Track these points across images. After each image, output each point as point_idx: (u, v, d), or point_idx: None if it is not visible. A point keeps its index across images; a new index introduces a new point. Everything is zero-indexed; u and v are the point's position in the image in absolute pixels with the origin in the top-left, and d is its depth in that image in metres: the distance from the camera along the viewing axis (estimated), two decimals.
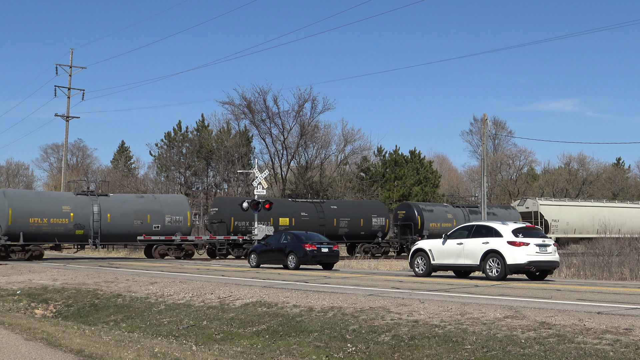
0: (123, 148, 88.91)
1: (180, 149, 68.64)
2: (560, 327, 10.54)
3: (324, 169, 66.20)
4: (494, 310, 12.13)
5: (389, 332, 11.58)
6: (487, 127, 45.07)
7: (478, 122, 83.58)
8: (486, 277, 19.64)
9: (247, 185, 61.30)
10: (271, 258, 27.12)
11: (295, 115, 63.20)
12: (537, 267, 19.63)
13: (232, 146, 64.41)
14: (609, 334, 9.84)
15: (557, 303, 12.95)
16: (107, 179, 65.50)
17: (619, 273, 23.46)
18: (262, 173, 37.87)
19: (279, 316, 13.94)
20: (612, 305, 12.63)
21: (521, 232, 19.42)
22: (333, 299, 14.71)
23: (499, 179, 77.65)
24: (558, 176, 77.21)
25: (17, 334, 11.97)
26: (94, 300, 18.99)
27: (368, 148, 71.89)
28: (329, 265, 26.70)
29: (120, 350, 10.29)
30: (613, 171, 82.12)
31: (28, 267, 27.60)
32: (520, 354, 9.52)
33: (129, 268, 27.33)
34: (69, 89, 54.58)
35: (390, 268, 29.43)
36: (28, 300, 19.92)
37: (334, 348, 11.36)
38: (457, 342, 10.42)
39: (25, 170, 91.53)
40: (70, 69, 54.60)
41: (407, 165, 71.54)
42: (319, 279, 20.38)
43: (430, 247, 21.28)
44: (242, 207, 35.95)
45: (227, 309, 15.32)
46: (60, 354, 9.93)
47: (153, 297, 18.00)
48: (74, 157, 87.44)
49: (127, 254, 45.81)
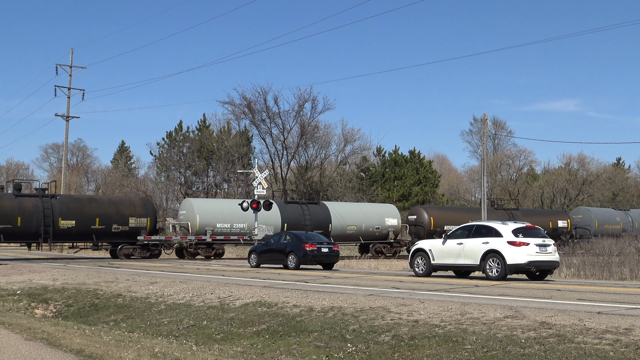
0: (123, 148, 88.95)
1: (181, 148, 68.67)
2: (560, 327, 10.54)
3: (324, 169, 66.21)
4: (494, 310, 12.13)
5: (389, 332, 11.59)
6: (487, 127, 45.07)
7: (478, 122, 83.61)
8: (486, 277, 19.64)
9: (247, 185, 61.29)
10: (271, 258, 27.12)
11: (295, 115, 63.31)
12: (537, 267, 19.63)
13: (232, 146, 64.42)
14: (609, 334, 9.84)
15: (557, 303, 12.95)
16: (107, 179, 65.50)
17: (619, 273, 23.47)
18: (262, 173, 37.87)
19: (279, 316, 13.94)
20: (612, 305, 12.63)
21: (521, 232, 19.41)
22: (333, 299, 14.71)
23: (499, 179, 77.66)
24: (558, 176, 77.21)
25: (17, 334, 11.97)
26: (94, 300, 18.99)
27: (368, 148, 72.03)
28: (329, 265, 26.70)
29: (121, 350, 10.29)
30: (613, 171, 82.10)
31: (28, 267, 27.60)
32: (520, 354, 9.52)
33: (129, 268, 27.33)
34: (69, 89, 54.60)
35: (390, 268, 29.43)
36: (28, 300, 19.92)
37: (334, 348, 11.36)
38: (457, 342, 10.42)
39: (25, 170, 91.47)
40: (70, 69, 54.64)
41: (407, 165, 71.57)
42: (319, 279, 20.38)
43: (431, 247, 21.27)
44: (242, 207, 35.93)
45: (227, 309, 15.32)
46: (60, 354, 9.93)
47: (153, 297, 18.00)
48: (74, 157, 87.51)
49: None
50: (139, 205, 37.93)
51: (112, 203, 37.29)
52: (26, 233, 34.11)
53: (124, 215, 36.65)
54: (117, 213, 36.52)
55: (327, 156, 67.68)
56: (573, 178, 76.94)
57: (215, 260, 37.84)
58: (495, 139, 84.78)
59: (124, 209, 36.89)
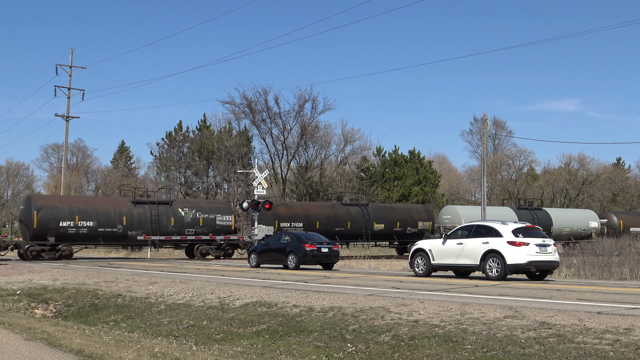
0: (123, 148, 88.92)
1: (181, 148, 68.68)
2: (560, 327, 10.54)
3: (324, 169, 66.19)
4: (494, 310, 12.13)
5: (389, 332, 11.58)
6: (487, 127, 45.09)
7: (478, 122, 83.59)
8: (486, 277, 19.64)
9: (247, 185, 61.31)
10: (271, 258, 27.12)
11: (295, 115, 63.30)
12: (537, 267, 19.63)
13: (232, 146, 64.43)
14: (609, 334, 9.84)
15: (557, 303, 12.95)
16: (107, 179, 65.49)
17: (619, 273, 23.46)
18: (262, 173, 37.85)
19: (279, 316, 13.94)
20: (612, 305, 12.62)
21: (521, 232, 19.41)
22: (333, 299, 14.71)
23: (499, 179, 77.64)
24: (558, 176, 77.21)
25: (17, 334, 11.96)
26: (94, 300, 18.99)
27: (368, 148, 72.01)
28: (329, 265, 26.70)
29: (120, 350, 10.29)
30: (613, 171, 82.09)
31: (28, 267, 27.60)
32: (520, 354, 9.52)
33: (129, 268, 27.33)
34: (69, 89, 54.57)
35: (390, 268, 29.42)
36: (28, 300, 19.92)
37: (334, 348, 11.36)
38: (457, 342, 10.42)
39: (25, 171, 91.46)
40: (70, 69, 54.61)
41: (407, 165, 71.56)
42: (319, 279, 20.38)
43: (430, 247, 21.27)
44: (242, 207, 35.93)
45: (227, 309, 15.32)
46: (60, 354, 9.93)
47: (153, 297, 18.00)
48: (74, 157, 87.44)
49: (127, 254, 45.87)
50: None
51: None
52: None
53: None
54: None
55: (327, 156, 67.74)
56: (573, 178, 76.92)
57: (215, 260, 37.96)
58: (495, 139, 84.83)
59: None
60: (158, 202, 38.81)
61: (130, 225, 36.52)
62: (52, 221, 34.49)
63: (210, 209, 39.85)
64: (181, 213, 38.43)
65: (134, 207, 37.16)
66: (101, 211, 36.11)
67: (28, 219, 34.80)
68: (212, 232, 38.86)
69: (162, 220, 37.54)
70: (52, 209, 34.86)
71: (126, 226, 36.43)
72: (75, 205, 35.91)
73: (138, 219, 36.95)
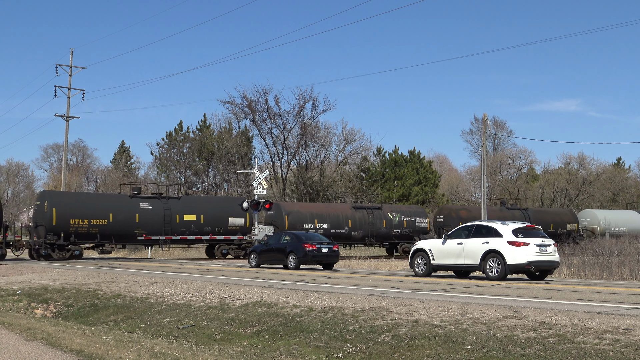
0: (123, 148, 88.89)
1: (181, 148, 68.68)
2: (560, 327, 10.54)
3: (324, 169, 66.20)
4: (494, 310, 12.13)
5: (389, 332, 11.58)
6: (487, 127, 45.07)
7: (478, 122, 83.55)
8: (486, 277, 19.64)
9: (247, 185, 61.31)
10: (271, 258, 27.11)
11: (295, 116, 63.34)
12: (537, 267, 19.63)
13: (232, 146, 64.45)
14: (609, 334, 9.84)
15: (557, 303, 12.95)
16: (107, 179, 65.51)
17: (619, 273, 23.46)
18: (262, 173, 37.84)
19: (279, 316, 13.94)
20: (612, 305, 12.63)
21: (521, 232, 19.41)
22: (333, 299, 14.71)
23: (499, 179, 77.62)
24: (558, 176, 77.20)
25: (17, 334, 11.97)
26: (94, 300, 18.99)
27: (368, 148, 72.01)
28: (329, 265, 26.70)
29: (121, 351, 10.29)
30: (613, 171, 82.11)
31: (28, 267, 27.60)
32: (520, 354, 9.52)
33: (129, 268, 27.33)
34: (69, 89, 54.56)
35: (390, 268, 29.42)
36: (28, 300, 19.92)
37: (334, 348, 11.36)
38: (457, 342, 10.42)
39: (25, 171, 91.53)
40: (70, 69, 54.60)
41: (407, 165, 71.58)
42: (319, 279, 20.38)
43: (431, 247, 21.26)
44: (242, 207, 35.92)
45: (227, 309, 15.32)
46: (60, 354, 9.93)
47: (153, 297, 18.00)
48: (74, 157, 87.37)
49: (127, 254, 45.85)
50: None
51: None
52: None
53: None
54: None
55: (327, 156, 67.78)
56: (573, 178, 76.92)
57: (215, 260, 37.90)
58: (495, 139, 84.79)
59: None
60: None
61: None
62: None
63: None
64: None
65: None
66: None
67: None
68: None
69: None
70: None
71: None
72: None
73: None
